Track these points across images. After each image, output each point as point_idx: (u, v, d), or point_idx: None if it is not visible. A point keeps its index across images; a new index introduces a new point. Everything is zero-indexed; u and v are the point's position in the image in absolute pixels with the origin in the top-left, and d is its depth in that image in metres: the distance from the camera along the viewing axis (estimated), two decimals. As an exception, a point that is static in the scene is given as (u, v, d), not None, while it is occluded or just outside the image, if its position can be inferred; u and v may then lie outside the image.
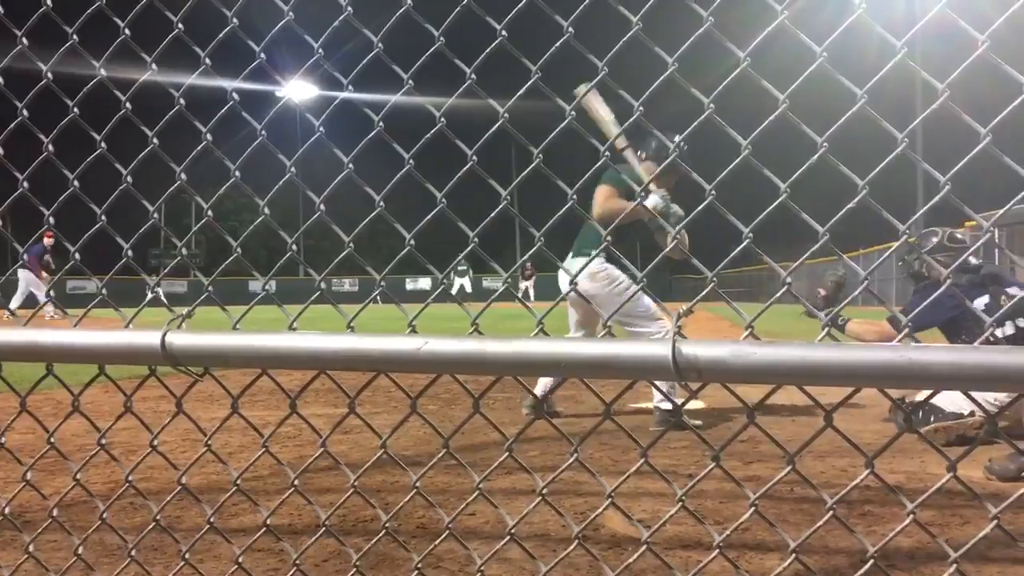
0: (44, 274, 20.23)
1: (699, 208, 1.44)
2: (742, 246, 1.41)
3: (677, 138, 1.79)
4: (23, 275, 20.05)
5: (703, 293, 1.71)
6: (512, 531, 1.54)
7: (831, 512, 1.40)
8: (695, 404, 6.03)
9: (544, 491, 1.55)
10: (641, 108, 1.48)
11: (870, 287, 1.39)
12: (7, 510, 1.93)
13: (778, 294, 1.43)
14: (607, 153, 1.50)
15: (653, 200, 5.08)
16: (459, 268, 41.41)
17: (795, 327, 10.56)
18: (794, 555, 1.42)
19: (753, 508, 1.45)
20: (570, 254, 5.71)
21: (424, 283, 53.04)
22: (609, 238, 1.52)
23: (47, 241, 19.59)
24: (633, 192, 5.01)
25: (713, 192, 1.42)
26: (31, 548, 1.93)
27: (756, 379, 1.27)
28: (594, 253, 2.12)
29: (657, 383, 4.91)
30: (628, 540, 2.94)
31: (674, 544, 2.89)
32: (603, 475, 1.50)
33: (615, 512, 3.10)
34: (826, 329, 1.35)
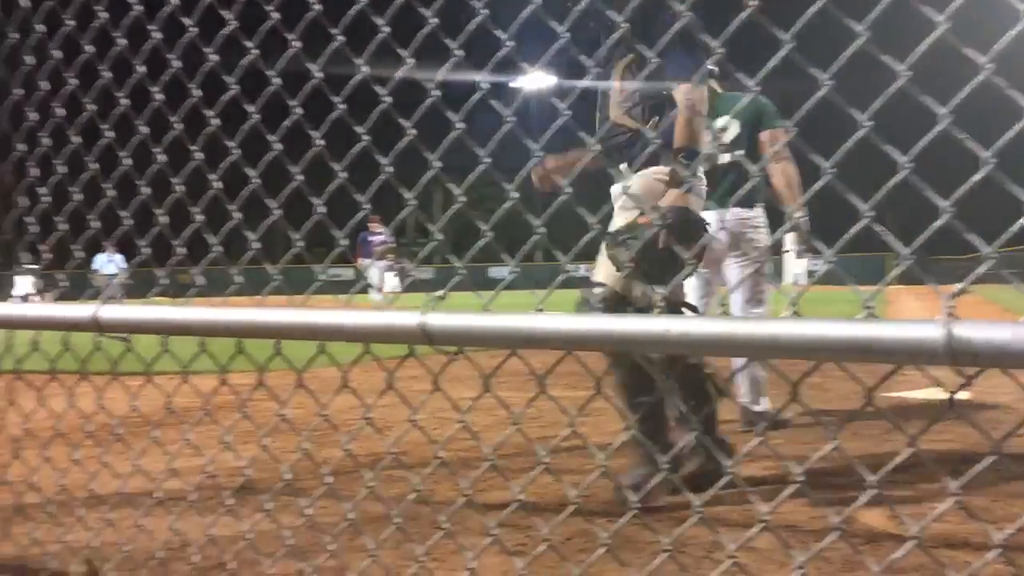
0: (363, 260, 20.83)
1: (975, 178, 1.32)
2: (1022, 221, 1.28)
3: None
4: (371, 263, 20.85)
5: (976, 272, 1.56)
6: (766, 518, 1.49)
7: None
8: (963, 395, 5.57)
9: (799, 479, 1.49)
10: (758, 87, 1.43)
11: None
12: (287, 476, 2.13)
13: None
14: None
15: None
16: None
17: (1077, 311, 9.49)
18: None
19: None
20: (719, 203, 4.43)
21: (657, 267, 52.44)
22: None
23: (373, 227, 20.42)
24: None
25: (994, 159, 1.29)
26: (308, 511, 2.12)
27: (1043, 365, 1.15)
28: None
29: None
30: (884, 535, 2.78)
31: (938, 542, 2.69)
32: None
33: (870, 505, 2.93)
34: None
